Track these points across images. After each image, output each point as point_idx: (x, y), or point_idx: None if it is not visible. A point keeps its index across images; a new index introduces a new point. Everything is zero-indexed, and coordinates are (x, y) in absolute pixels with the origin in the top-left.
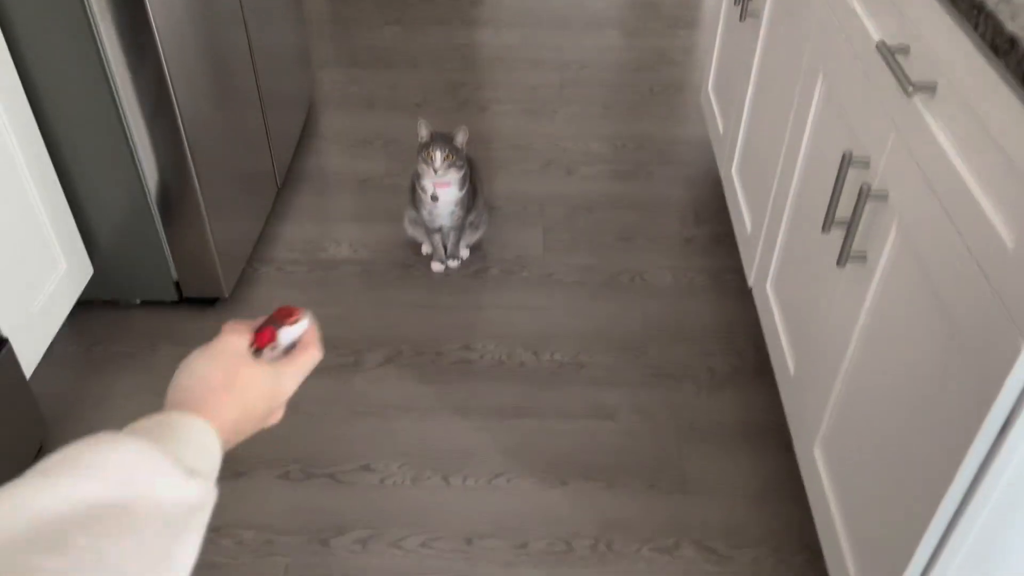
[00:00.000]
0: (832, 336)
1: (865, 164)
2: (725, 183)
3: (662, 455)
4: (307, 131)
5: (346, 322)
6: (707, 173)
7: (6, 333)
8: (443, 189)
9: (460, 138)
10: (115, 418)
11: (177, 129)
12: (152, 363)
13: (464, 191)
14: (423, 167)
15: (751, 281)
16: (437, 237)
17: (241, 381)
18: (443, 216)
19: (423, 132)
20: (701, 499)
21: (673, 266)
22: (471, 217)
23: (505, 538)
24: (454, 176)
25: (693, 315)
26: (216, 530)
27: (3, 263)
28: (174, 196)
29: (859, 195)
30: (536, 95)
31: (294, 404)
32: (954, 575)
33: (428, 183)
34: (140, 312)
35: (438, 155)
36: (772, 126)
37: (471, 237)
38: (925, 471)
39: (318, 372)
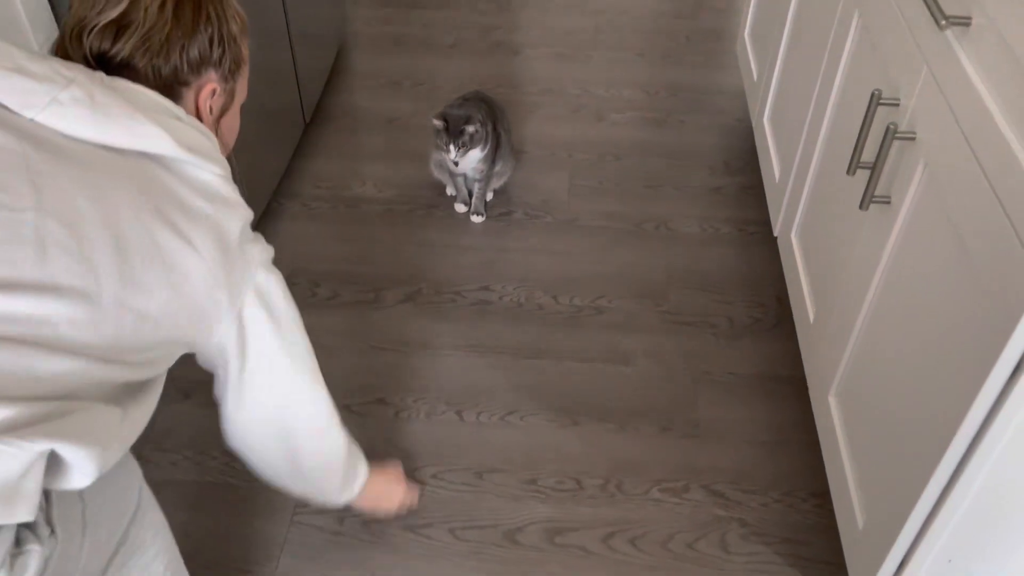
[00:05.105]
0: (853, 282)
1: (894, 104)
2: (756, 132)
3: (676, 400)
4: (337, 68)
5: (367, 259)
6: (740, 123)
7: None
8: (463, 158)
9: (474, 125)
10: None
11: None
12: None
13: (486, 151)
14: (441, 153)
15: (777, 230)
16: (461, 180)
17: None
18: (466, 169)
19: (436, 123)
20: (713, 444)
21: (700, 215)
22: (496, 167)
23: (515, 473)
24: (474, 154)
25: (717, 265)
26: (232, 453)
27: None
28: None
29: (885, 134)
30: (570, 39)
31: (313, 336)
32: (957, 525)
33: (447, 158)
34: None
35: (452, 149)
36: (805, 70)
37: (496, 183)
38: (935, 418)
39: (339, 306)
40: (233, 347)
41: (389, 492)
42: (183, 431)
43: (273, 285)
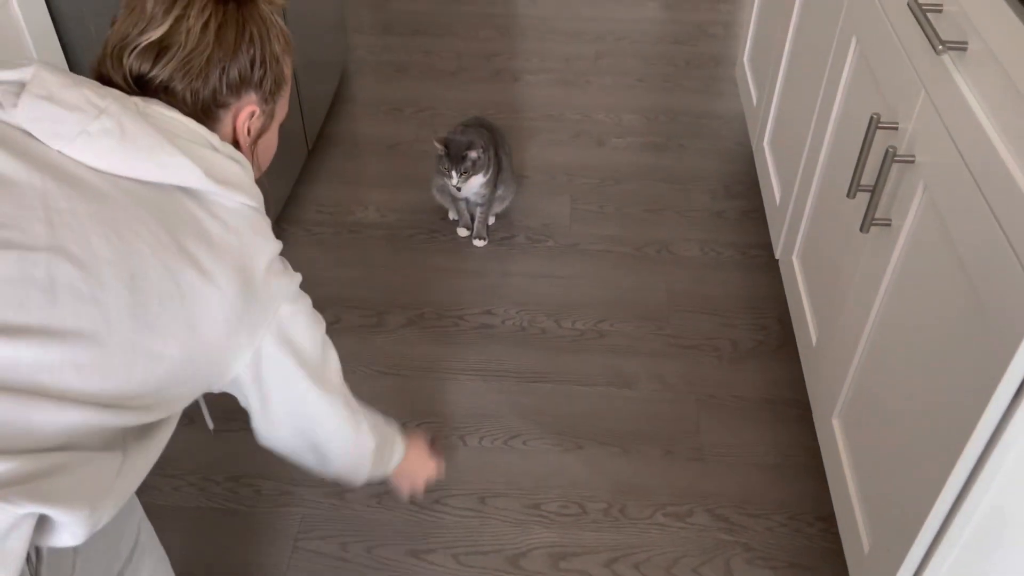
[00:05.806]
0: (855, 304)
1: (893, 128)
2: (756, 156)
3: (680, 424)
4: (339, 95)
5: (370, 283)
6: (740, 147)
7: None
8: (465, 183)
9: (476, 151)
10: None
11: None
12: None
13: (488, 176)
14: (443, 178)
15: (778, 253)
16: (463, 204)
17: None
18: (468, 194)
19: (439, 147)
20: (717, 468)
21: (701, 239)
22: (498, 192)
23: (518, 498)
24: (476, 179)
25: (719, 288)
26: (235, 479)
27: None
28: None
29: (884, 158)
30: (570, 66)
31: None
32: (964, 547)
33: (449, 183)
34: None
35: (455, 175)
36: (804, 95)
37: (498, 207)
38: (939, 440)
39: (342, 331)
40: (249, 381)
41: (420, 467)
42: (187, 457)
43: (298, 317)
